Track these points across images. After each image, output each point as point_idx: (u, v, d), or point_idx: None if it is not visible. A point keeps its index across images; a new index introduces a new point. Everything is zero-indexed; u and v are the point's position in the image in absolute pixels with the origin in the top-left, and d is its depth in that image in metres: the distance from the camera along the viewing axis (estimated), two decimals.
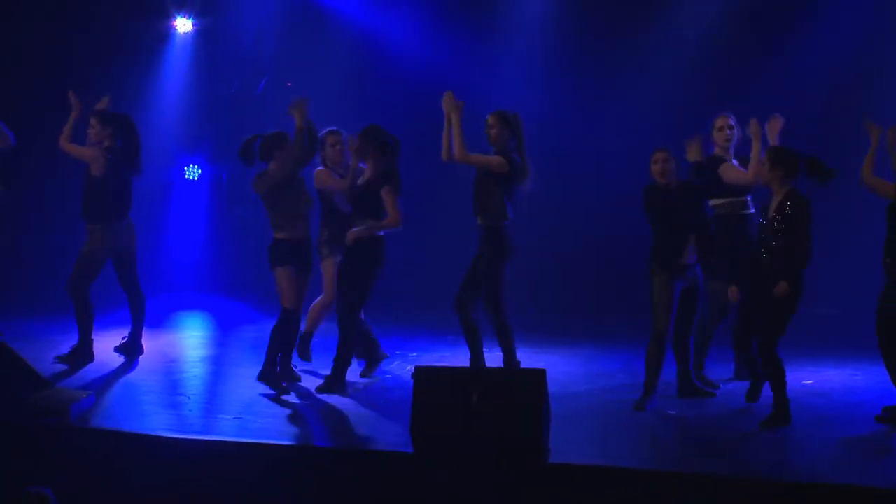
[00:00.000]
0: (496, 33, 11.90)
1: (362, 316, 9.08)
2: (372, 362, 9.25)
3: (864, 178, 8.08)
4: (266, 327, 8.82)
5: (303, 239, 8.88)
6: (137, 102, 12.12)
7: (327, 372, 8.70)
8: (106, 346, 9.80)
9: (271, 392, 8.54)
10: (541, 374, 7.08)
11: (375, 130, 8.82)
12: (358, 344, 9.03)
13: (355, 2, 12.40)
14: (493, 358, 8.95)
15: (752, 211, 8.79)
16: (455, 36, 11.52)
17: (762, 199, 8.16)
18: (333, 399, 8.42)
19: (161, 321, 11.18)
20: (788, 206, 7.73)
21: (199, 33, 12.62)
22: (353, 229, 8.70)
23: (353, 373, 9.13)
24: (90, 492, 7.01)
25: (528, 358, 9.12)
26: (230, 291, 12.02)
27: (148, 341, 9.92)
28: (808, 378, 8.91)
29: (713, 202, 8.79)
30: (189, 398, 8.53)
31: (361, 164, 8.92)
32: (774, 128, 8.85)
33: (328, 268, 9.31)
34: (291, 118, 8.76)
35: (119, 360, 9.57)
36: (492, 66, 11.24)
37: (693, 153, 8.51)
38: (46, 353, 9.50)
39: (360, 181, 8.86)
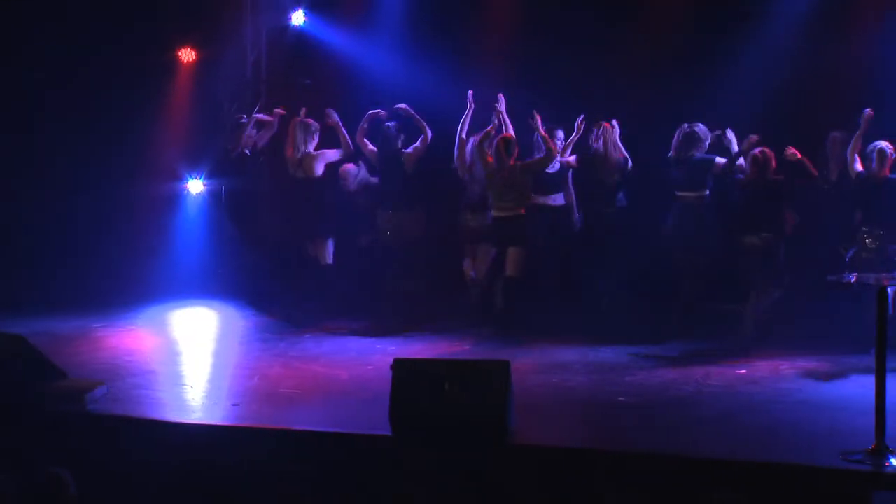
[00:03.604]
0: (467, 52, 11.79)
1: None
2: None
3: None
4: (259, 327, 8.81)
5: None
6: (149, 125, 12.14)
7: None
8: (117, 341, 9.82)
9: (266, 381, 8.57)
10: (505, 365, 7.11)
11: None
12: None
13: (342, 34, 12.39)
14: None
15: None
16: (432, 61, 11.47)
17: None
18: (321, 388, 8.41)
19: (165, 320, 11.14)
20: None
21: (201, 62, 12.57)
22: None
23: (341, 364, 9.14)
24: (104, 472, 6.99)
25: (491, 352, 9.21)
26: (226, 294, 11.92)
27: (154, 338, 9.99)
28: (740, 368, 8.94)
29: None
30: (192, 387, 8.50)
31: None
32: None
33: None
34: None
35: (128, 353, 9.54)
36: (467, 81, 11.19)
37: None
38: (64, 348, 9.46)
39: None
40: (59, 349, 9.26)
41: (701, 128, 10.02)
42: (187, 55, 12.57)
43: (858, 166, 9.47)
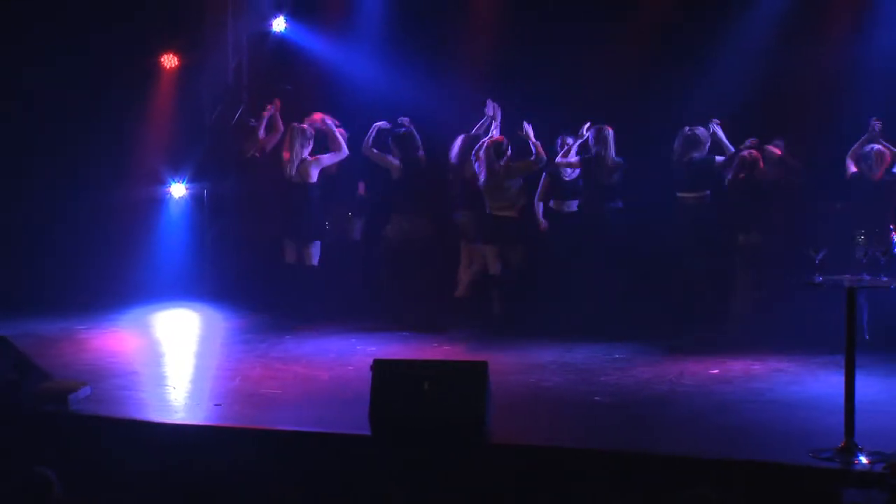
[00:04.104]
0: (451, 55, 11.80)
1: None
2: None
3: None
4: (240, 327, 8.83)
5: None
6: (132, 129, 12.09)
7: None
8: (100, 343, 9.79)
9: (248, 382, 8.56)
10: (483, 365, 7.12)
11: None
12: None
13: (322, 40, 12.39)
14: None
15: None
16: (414, 66, 11.47)
17: None
18: (301, 388, 8.41)
19: (148, 322, 11.11)
20: None
21: (184, 68, 12.55)
22: None
23: (322, 365, 9.14)
24: (87, 472, 6.96)
25: (471, 353, 9.20)
26: (208, 296, 11.88)
27: (137, 339, 9.99)
28: (713, 368, 8.97)
29: None
30: (174, 388, 8.48)
31: None
32: None
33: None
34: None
35: (112, 354, 9.51)
36: (444, 83, 11.21)
37: None
38: (48, 349, 9.43)
39: None
40: (44, 350, 9.23)
41: (701, 130, 10.12)
42: (170, 61, 12.53)
43: (853, 168, 9.62)
